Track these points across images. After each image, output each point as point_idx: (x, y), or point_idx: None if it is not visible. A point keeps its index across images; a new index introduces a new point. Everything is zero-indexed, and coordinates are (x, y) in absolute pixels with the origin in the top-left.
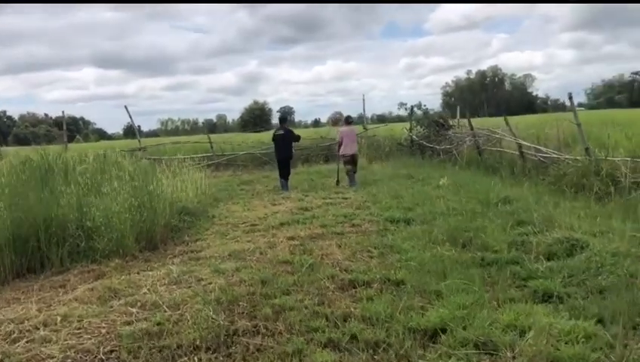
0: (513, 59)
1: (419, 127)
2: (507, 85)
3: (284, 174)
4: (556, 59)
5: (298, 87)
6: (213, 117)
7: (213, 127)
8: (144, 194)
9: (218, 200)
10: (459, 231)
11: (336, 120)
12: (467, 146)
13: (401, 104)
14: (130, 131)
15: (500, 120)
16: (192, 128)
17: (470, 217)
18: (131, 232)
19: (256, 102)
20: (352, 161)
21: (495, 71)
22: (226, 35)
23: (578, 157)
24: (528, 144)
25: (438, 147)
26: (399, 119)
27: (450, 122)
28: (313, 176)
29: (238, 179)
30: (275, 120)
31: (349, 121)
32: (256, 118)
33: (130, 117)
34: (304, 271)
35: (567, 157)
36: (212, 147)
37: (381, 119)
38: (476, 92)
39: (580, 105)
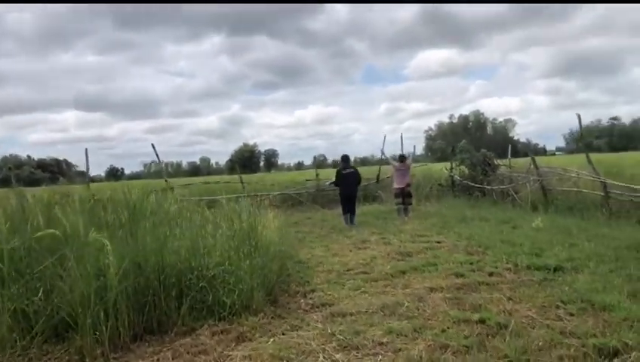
0: (491, 105)
1: (462, 166)
2: (489, 129)
3: (351, 210)
4: (532, 104)
5: (280, 130)
6: (196, 159)
7: (197, 169)
8: (253, 238)
9: (290, 244)
10: None
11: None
12: (531, 187)
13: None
14: (112, 174)
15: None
16: (175, 171)
17: (632, 263)
18: (261, 284)
19: (246, 145)
20: (401, 193)
21: (477, 115)
22: (209, 79)
23: None
24: (619, 183)
25: (489, 187)
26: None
27: (497, 161)
28: (368, 218)
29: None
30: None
31: (402, 159)
32: (245, 160)
33: (157, 155)
34: (511, 334)
35: None
36: (244, 187)
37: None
38: (459, 135)
39: (559, 149)
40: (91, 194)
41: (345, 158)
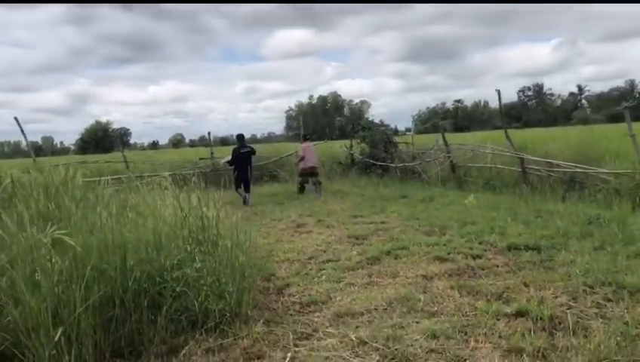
0: (346, 87)
1: (363, 144)
2: (346, 110)
3: (247, 188)
4: (383, 87)
5: (133, 108)
6: (38, 139)
7: (39, 149)
8: (212, 228)
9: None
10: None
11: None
12: (440, 164)
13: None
14: None
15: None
16: (13, 151)
17: (610, 239)
18: (249, 284)
19: (98, 123)
20: (311, 173)
21: (335, 97)
22: (51, 51)
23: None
24: (537, 158)
25: (393, 165)
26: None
27: (399, 139)
28: (280, 198)
29: None
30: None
31: (306, 137)
32: (98, 139)
33: (23, 131)
34: (576, 329)
35: (602, 171)
36: (128, 167)
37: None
38: (318, 116)
39: (408, 130)
40: None
41: (240, 137)
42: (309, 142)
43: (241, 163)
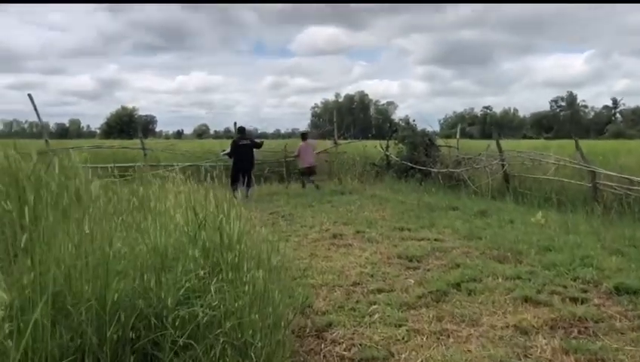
0: (373, 87)
1: (401, 145)
2: (372, 110)
3: (248, 183)
4: (410, 89)
5: (160, 96)
6: (65, 121)
7: (65, 131)
8: (234, 243)
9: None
10: None
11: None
12: (491, 172)
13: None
14: None
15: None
16: (40, 132)
17: None
18: (286, 336)
19: (124, 108)
20: (307, 172)
21: (362, 96)
22: (85, 36)
23: None
24: (613, 173)
25: (435, 170)
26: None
27: (441, 142)
28: (309, 199)
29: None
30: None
31: (305, 137)
32: (123, 124)
33: (36, 109)
34: None
35: None
36: (146, 155)
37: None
38: (344, 115)
39: (436, 133)
40: None
41: (241, 129)
42: (311, 140)
43: (241, 156)
